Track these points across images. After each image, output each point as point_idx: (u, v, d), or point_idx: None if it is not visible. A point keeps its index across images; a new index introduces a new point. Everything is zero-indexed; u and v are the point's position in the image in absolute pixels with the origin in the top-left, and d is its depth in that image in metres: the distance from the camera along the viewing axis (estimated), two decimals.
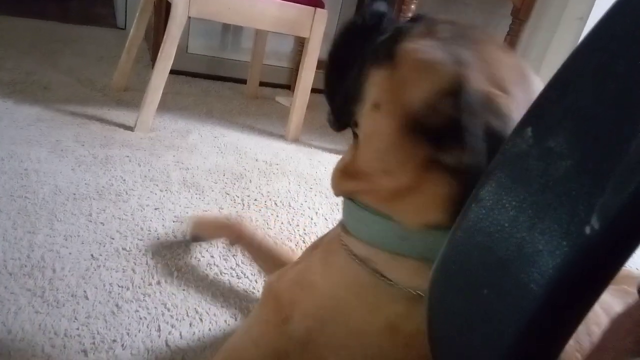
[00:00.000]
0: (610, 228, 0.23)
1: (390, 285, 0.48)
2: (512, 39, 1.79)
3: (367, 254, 0.51)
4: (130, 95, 1.75)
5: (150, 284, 0.86)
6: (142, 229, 1.01)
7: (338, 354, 0.50)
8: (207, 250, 0.98)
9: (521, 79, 0.49)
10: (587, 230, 0.24)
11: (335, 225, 0.60)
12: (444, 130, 0.43)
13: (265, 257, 0.91)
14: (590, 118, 0.25)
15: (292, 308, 0.53)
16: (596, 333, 0.50)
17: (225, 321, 0.82)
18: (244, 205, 1.19)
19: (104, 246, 0.93)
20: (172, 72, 1.48)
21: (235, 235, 0.95)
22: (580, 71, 0.28)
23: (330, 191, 0.63)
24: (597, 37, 0.28)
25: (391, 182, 0.48)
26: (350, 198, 0.54)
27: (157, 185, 1.19)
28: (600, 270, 0.25)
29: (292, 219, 1.18)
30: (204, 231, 0.99)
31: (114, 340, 0.73)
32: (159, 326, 0.77)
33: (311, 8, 1.55)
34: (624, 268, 0.25)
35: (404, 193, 0.47)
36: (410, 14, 1.67)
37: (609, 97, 0.25)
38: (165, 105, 1.69)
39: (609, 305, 0.55)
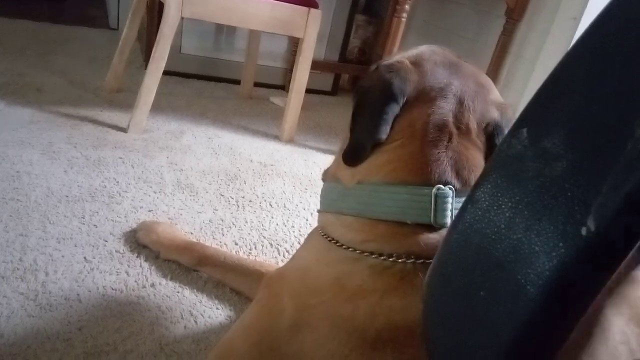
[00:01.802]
0: (606, 229, 0.23)
1: (338, 246, 0.54)
2: (506, 39, 1.79)
3: (323, 221, 0.59)
4: (123, 97, 1.74)
5: (144, 287, 0.85)
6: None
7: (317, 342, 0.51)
8: None
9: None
10: (583, 231, 0.23)
11: None
12: None
13: (233, 273, 0.88)
14: (585, 119, 0.25)
15: (281, 290, 0.57)
16: None
17: (220, 323, 0.81)
18: (238, 206, 1.19)
19: (97, 249, 0.92)
20: (165, 72, 1.47)
21: (197, 258, 0.90)
22: (575, 72, 0.27)
23: None
24: (591, 37, 0.28)
25: None
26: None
27: (150, 187, 1.18)
28: (596, 271, 0.25)
29: (287, 220, 1.18)
30: (162, 249, 0.93)
31: (107, 344, 0.72)
32: (153, 329, 0.77)
33: (305, 8, 1.54)
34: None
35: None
36: (404, 15, 1.67)
37: (603, 97, 0.25)
38: (159, 106, 1.68)
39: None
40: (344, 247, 0.54)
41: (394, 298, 0.48)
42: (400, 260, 0.50)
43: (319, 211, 0.64)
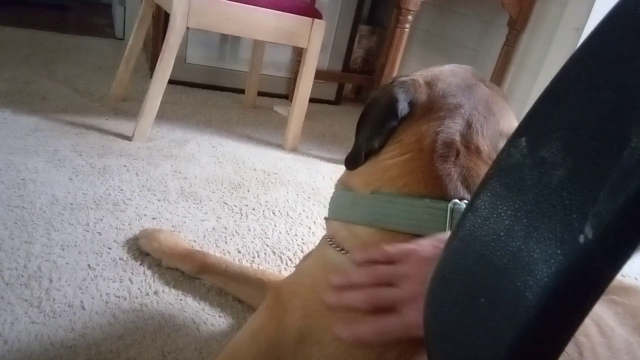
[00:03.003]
0: (604, 237, 0.24)
1: (346, 256, 0.54)
2: (508, 50, 1.80)
3: (332, 229, 0.58)
4: (128, 105, 1.75)
5: (147, 294, 0.86)
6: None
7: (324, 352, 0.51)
8: None
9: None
10: (581, 239, 0.24)
11: None
12: None
13: (235, 282, 0.89)
14: (583, 128, 0.25)
15: (292, 301, 0.55)
16: (585, 344, 0.50)
17: (223, 331, 0.82)
18: (241, 214, 1.20)
19: (101, 256, 0.93)
20: (170, 82, 1.49)
21: (198, 266, 0.91)
22: (574, 81, 0.28)
23: (327, 200, 0.65)
24: (590, 47, 0.28)
25: None
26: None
27: (154, 195, 1.19)
28: (594, 278, 0.25)
29: (290, 229, 1.18)
30: (164, 257, 0.94)
31: (110, 351, 0.72)
32: (156, 337, 0.77)
33: (309, 19, 1.56)
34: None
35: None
36: (407, 25, 1.69)
37: (601, 106, 0.25)
38: (164, 115, 1.69)
39: (598, 316, 0.55)
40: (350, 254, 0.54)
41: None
42: None
43: (326, 219, 0.63)
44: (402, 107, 0.58)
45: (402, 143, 0.57)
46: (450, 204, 0.50)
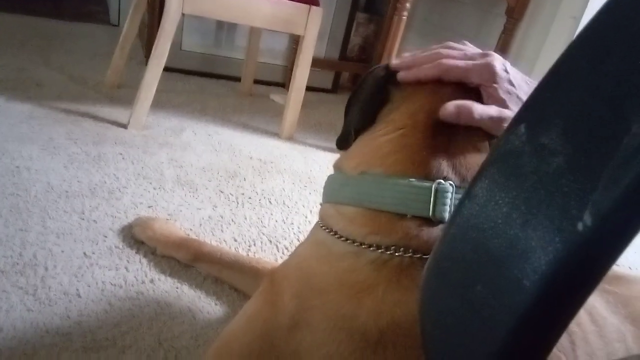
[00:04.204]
0: (603, 224, 0.23)
1: (338, 239, 0.54)
2: (506, 38, 1.79)
3: (324, 213, 0.58)
4: (123, 93, 1.74)
5: (143, 282, 0.86)
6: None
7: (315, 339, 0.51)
8: None
9: None
10: (580, 226, 0.24)
11: None
12: None
13: (230, 270, 0.89)
14: (583, 114, 0.25)
15: (283, 283, 0.56)
16: (577, 332, 0.50)
17: (219, 319, 0.82)
18: (237, 203, 1.19)
19: (97, 244, 0.93)
20: (165, 69, 1.48)
21: (192, 254, 0.91)
22: (574, 67, 0.28)
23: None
24: (591, 33, 0.28)
25: None
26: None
27: (150, 183, 1.19)
28: (592, 266, 0.25)
29: (287, 217, 1.18)
30: (158, 245, 0.94)
31: (107, 339, 0.72)
32: (152, 325, 0.77)
33: (306, 6, 1.55)
34: None
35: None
36: (405, 13, 1.67)
37: (601, 93, 0.25)
38: (159, 103, 1.68)
39: (590, 305, 0.56)
40: (344, 239, 0.54)
41: (396, 293, 0.48)
42: (397, 254, 0.50)
43: (321, 204, 0.63)
44: (387, 85, 0.58)
45: (394, 120, 0.56)
46: (434, 184, 0.50)
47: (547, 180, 0.25)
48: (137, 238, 0.96)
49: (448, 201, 0.50)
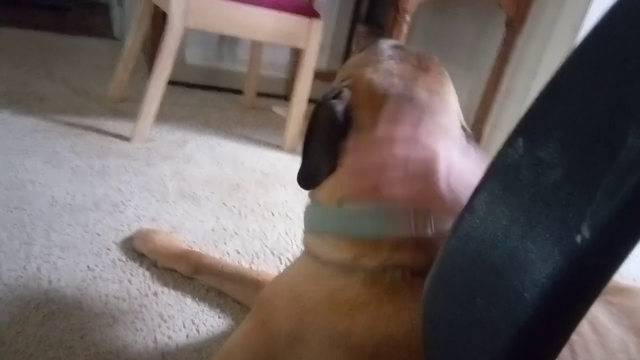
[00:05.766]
0: (601, 236, 0.24)
1: (325, 264, 0.55)
2: (506, 49, 1.80)
3: (307, 241, 0.60)
4: (127, 106, 1.75)
5: (146, 295, 0.86)
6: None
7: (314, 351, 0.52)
8: None
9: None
10: (578, 238, 0.24)
11: None
12: None
13: (231, 282, 0.89)
14: (580, 127, 0.26)
15: (275, 310, 0.57)
16: (578, 341, 0.50)
17: (222, 332, 0.82)
18: (240, 215, 1.19)
19: (100, 257, 0.93)
20: (169, 82, 1.49)
21: (193, 266, 0.91)
22: (570, 82, 0.28)
23: None
24: (587, 47, 0.28)
25: None
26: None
27: (153, 196, 1.19)
28: (591, 278, 0.25)
29: (289, 229, 1.18)
30: (159, 258, 0.93)
31: (110, 352, 0.73)
32: (155, 338, 0.77)
33: (307, 19, 1.56)
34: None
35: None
36: (405, 25, 1.69)
37: (597, 106, 0.25)
38: (162, 116, 1.69)
39: (592, 315, 0.56)
40: (331, 263, 0.55)
41: (388, 308, 0.49)
42: (387, 272, 0.51)
43: (304, 232, 0.64)
44: (341, 116, 0.58)
45: (352, 152, 0.57)
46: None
47: (546, 193, 0.26)
48: (138, 250, 0.96)
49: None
